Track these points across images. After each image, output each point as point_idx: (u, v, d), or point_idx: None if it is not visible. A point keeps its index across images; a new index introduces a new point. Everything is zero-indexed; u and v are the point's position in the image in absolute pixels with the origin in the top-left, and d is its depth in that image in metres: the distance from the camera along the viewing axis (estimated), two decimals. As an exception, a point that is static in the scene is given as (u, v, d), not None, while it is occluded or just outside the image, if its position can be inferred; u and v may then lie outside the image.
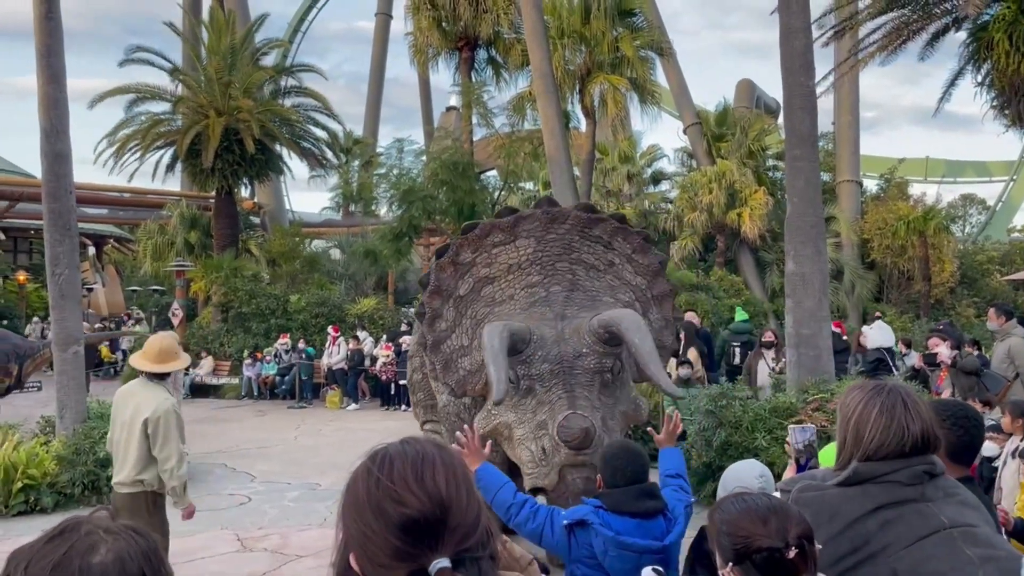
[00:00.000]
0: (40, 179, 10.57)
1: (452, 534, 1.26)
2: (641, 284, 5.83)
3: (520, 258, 5.73)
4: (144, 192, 29.79)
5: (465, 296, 5.80)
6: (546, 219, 5.81)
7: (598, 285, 5.73)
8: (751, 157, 27.50)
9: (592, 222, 5.90)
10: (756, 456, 8.47)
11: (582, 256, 5.79)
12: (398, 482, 1.27)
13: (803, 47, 9.93)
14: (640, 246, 5.90)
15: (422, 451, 1.33)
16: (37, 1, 10.09)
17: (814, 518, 2.02)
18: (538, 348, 4.99)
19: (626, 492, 3.37)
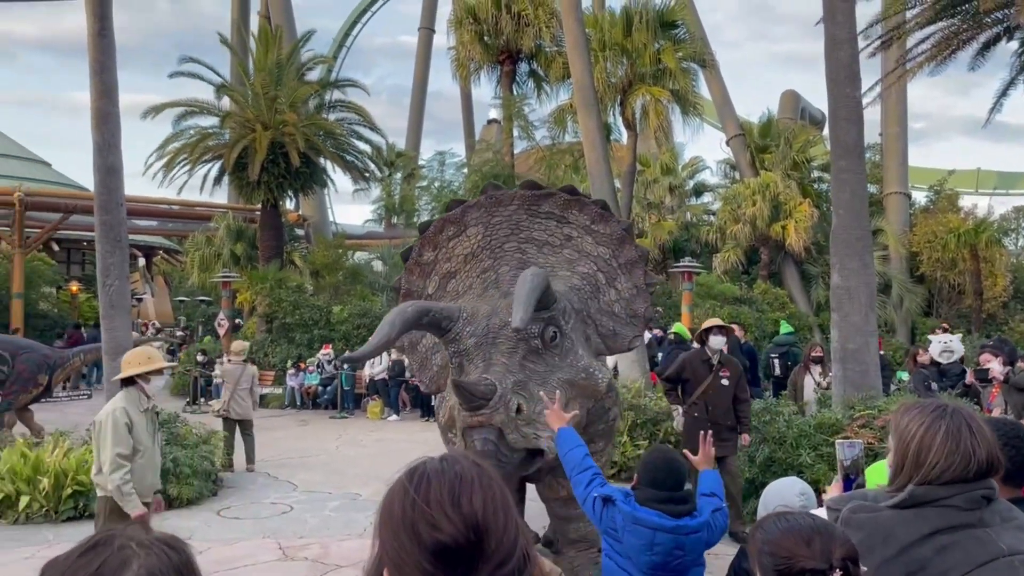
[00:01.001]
0: (92, 192, 10.84)
1: (488, 560, 1.24)
2: (604, 254, 5.58)
3: (472, 247, 5.64)
4: (192, 204, 30.43)
5: (433, 294, 5.72)
6: (490, 203, 5.70)
7: (553, 260, 5.54)
8: (796, 169, 27.14)
9: (539, 199, 5.70)
10: (800, 473, 8.32)
11: (532, 234, 5.62)
12: (434, 505, 1.25)
13: (849, 58, 9.80)
14: (598, 215, 5.64)
15: (460, 472, 1.30)
16: (91, 18, 10.39)
17: (867, 541, 1.96)
18: (467, 324, 4.80)
19: (657, 493, 3.44)
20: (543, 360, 4.73)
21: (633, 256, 5.58)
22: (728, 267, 26.40)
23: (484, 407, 4.23)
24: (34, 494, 8.73)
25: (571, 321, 5.00)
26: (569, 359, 4.88)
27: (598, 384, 4.97)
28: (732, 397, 8.08)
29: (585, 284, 5.40)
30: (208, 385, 19.85)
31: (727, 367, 8.16)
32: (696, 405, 8.13)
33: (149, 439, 5.63)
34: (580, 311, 5.17)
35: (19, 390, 13.06)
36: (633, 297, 5.52)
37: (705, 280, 23.39)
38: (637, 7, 20.91)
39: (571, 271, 5.45)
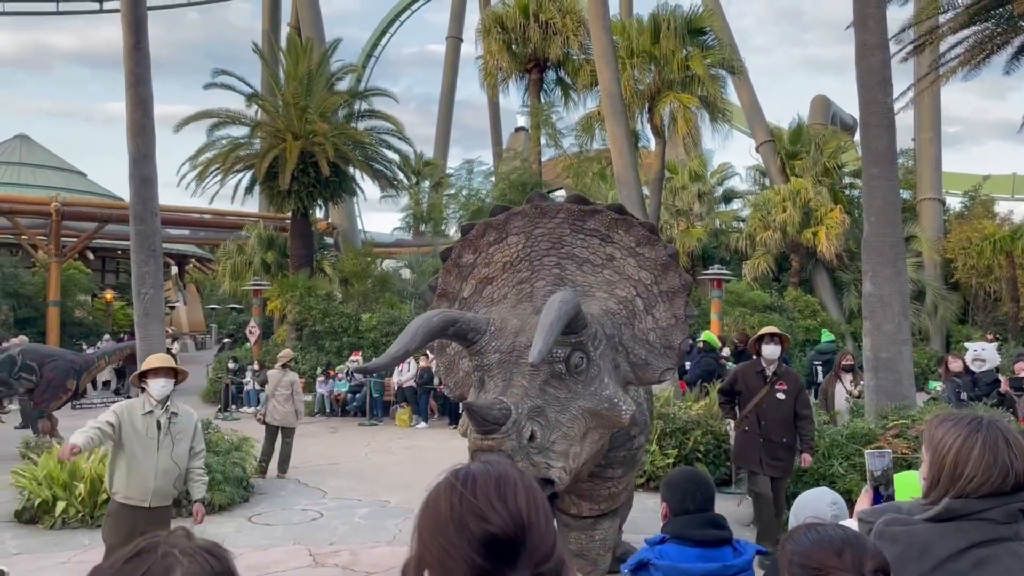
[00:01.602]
0: (127, 202, 11.04)
1: (531, 556, 1.28)
2: (646, 279, 5.33)
3: (511, 255, 5.48)
4: (224, 214, 30.85)
5: (468, 298, 5.60)
6: (535, 214, 5.51)
7: (592, 280, 5.33)
8: (827, 175, 26.90)
9: (586, 214, 5.47)
10: (832, 484, 8.22)
11: (573, 250, 5.41)
12: (482, 499, 1.30)
13: (880, 63, 9.71)
14: (644, 238, 5.40)
15: (504, 472, 1.36)
16: (127, 32, 10.60)
17: (902, 554, 1.94)
18: (494, 338, 4.64)
19: (692, 519, 3.27)
20: (565, 386, 4.54)
21: (676, 285, 5.35)
22: (758, 274, 26.19)
23: (496, 431, 4.10)
24: (70, 500, 8.88)
25: (600, 347, 4.81)
26: (593, 387, 4.67)
27: (621, 416, 4.71)
28: (791, 413, 7.54)
29: (621, 309, 5.20)
30: (239, 392, 20.07)
31: (784, 379, 7.61)
32: (748, 419, 7.67)
33: (145, 442, 5.64)
34: (612, 337, 4.98)
35: (50, 397, 13.35)
36: (671, 327, 5.28)
37: (735, 287, 23.22)
38: (665, 14, 20.87)
39: (609, 293, 5.27)
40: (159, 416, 5.72)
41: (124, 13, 10.77)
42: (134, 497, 5.61)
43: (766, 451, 7.48)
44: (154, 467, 5.63)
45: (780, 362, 7.68)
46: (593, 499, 5.30)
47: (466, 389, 5.48)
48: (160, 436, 5.70)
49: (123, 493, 5.62)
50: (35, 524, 8.86)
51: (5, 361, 13.34)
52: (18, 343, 15.73)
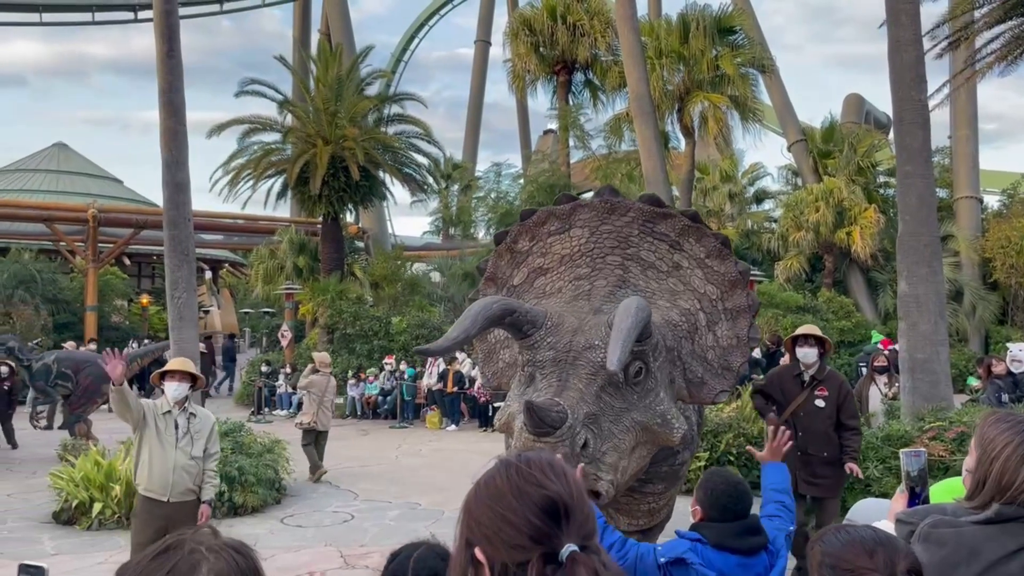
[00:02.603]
0: (161, 208, 11.20)
1: (579, 527, 1.37)
2: (712, 293, 5.04)
3: (572, 249, 5.22)
4: (256, 219, 31.19)
5: (518, 286, 5.36)
6: (604, 209, 5.22)
7: (655, 287, 5.06)
8: (860, 174, 26.51)
9: (657, 217, 5.16)
10: (868, 487, 8.10)
11: (640, 253, 5.13)
12: (537, 471, 1.39)
13: (913, 60, 9.55)
14: (716, 250, 5.09)
15: (548, 457, 1.47)
16: (159, 41, 10.77)
17: (950, 557, 1.90)
18: (550, 334, 4.44)
19: (730, 527, 3.23)
20: (621, 395, 4.31)
21: (742, 304, 5.04)
22: (791, 275, 25.88)
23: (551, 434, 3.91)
24: (107, 501, 9.02)
25: (660, 359, 4.56)
26: (648, 400, 4.43)
27: (672, 433, 4.47)
28: (832, 423, 6.63)
29: (683, 321, 4.93)
30: (272, 395, 20.27)
31: (826, 384, 6.69)
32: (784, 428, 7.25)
33: (164, 439, 5.97)
34: (672, 350, 4.72)
35: (86, 402, 13.60)
36: (731, 347, 4.99)
37: (767, 289, 22.98)
38: (694, 14, 20.74)
39: (671, 303, 5.00)
40: (177, 416, 6.05)
41: (157, 22, 10.94)
42: (155, 490, 5.94)
43: (804, 467, 6.57)
44: (172, 463, 5.94)
45: (822, 364, 6.80)
46: (632, 514, 5.10)
47: (504, 380, 5.32)
48: (179, 435, 6.03)
49: (145, 485, 5.98)
50: (72, 525, 9.01)
51: (41, 370, 13.62)
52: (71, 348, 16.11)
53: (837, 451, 6.59)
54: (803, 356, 6.75)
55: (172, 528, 5.92)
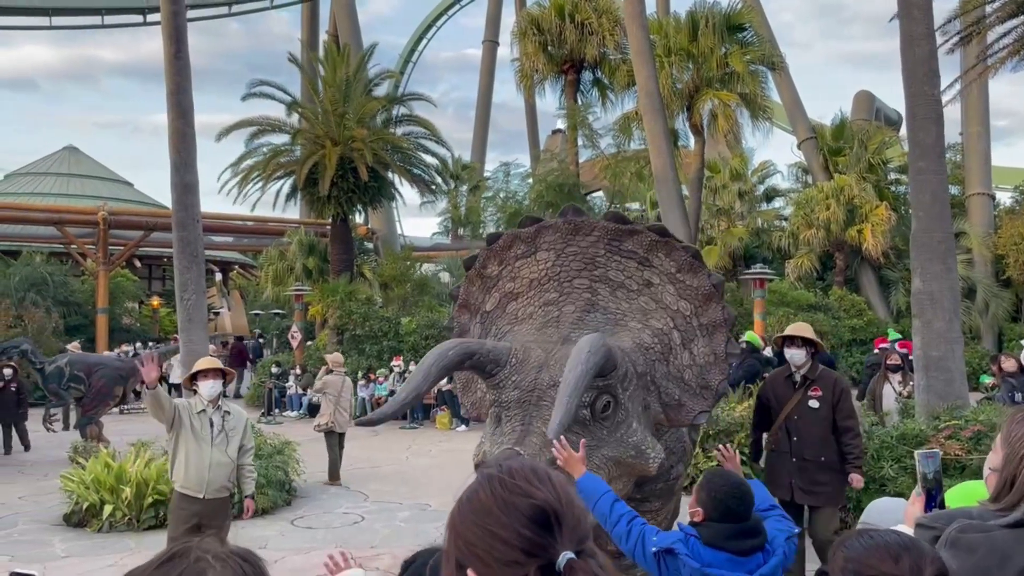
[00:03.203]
0: (170, 209, 11.21)
1: (573, 531, 1.31)
2: (685, 309, 4.84)
3: (540, 273, 5.05)
4: (265, 220, 31.22)
5: (491, 312, 5.23)
6: (568, 229, 5.05)
7: (626, 307, 4.86)
8: (871, 171, 26.38)
9: (623, 234, 4.97)
10: (883, 487, 8.01)
11: (608, 273, 4.94)
12: (521, 480, 1.34)
13: (926, 54, 9.45)
14: (687, 264, 4.90)
15: (531, 463, 1.42)
16: (167, 42, 10.77)
17: (981, 563, 1.83)
18: (515, 372, 4.30)
19: (727, 529, 3.18)
20: (589, 433, 4.16)
21: (718, 318, 4.85)
22: (801, 273, 25.76)
23: None
24: (117, 503, 9.01)
25: (630, 388, 4.39)
26: (620, 432, 4.28)
27: (648, 465, 4.32)
28: (829, 425, 6.14)
29: (656, 343, 4.75)
30: (282, 396, 20.28)
31: (819, 384, 6.20)
32: (777, 435, 6.36)
33: (200, 437, 6.09)
34: (643, 375, 4.54)
35: (99, 404, 13.67)
36: (708, 365, 4.81)
37: (778, 287, 22.86)
38: (702, 11, 20.64)
39: (643, 323, 4.82)
40: (211, 415, 6.17)
41: (164, 24, 10.95)
42: (191, 488, 6.06)
43: (800, 474, 6.11)
44: (208, 460, 6.06)
45: (814, 363, 6.31)
46: None
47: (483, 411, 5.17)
48: (214, 433, 6.15)
49: (181, 482, 6.10)
50: (83, 527, 9.01)
51: (54, 373, 13.69)
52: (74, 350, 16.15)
53: (836, 456, 6.11)
54: (791, 358, 6.29)
55: (206, 524, 6.05)
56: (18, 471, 12.51)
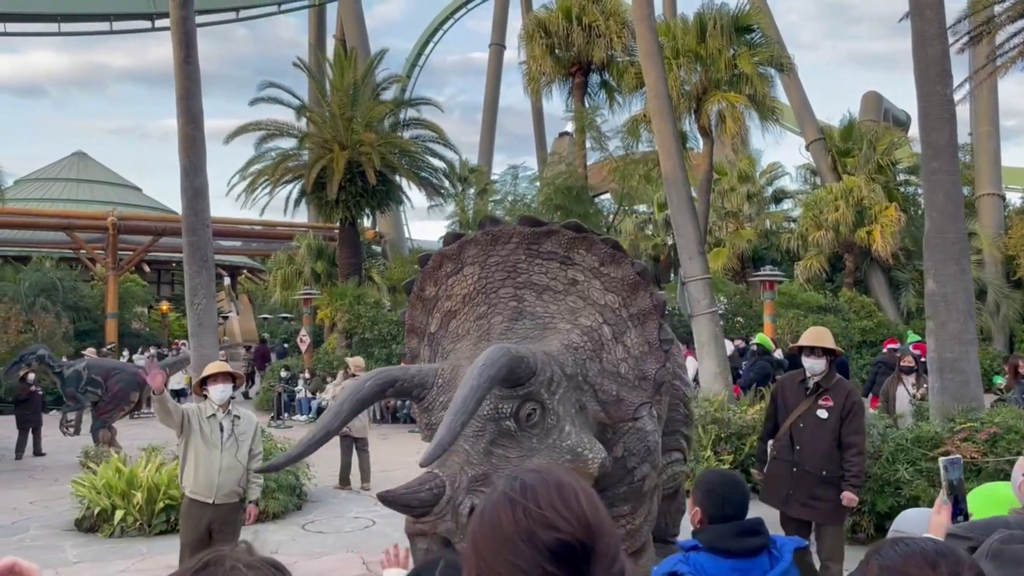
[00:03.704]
0: (180, 215, 11.21)
1: (601, 560, 1.25)
2: (613, 303, 4.77)
3: (469, 288, 5.03)
4: (274, 224, 31.31)
5: (435, 333, 5.19)
6: (487, 240, 5.01)
7: (553, 309, 4.81)
8: (880, 172, 26.27)
9: (540, 236, 4.92)
10: (898, 490, 7.95)
11: (532, 278, 4.89)
12: (546, 508, 1.25)
13: (939, 54, 9.39)
14: (609, 256, 4.81)
15: (558, 477, 1.32)
16: (177, 47, 10.78)
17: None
18: (442, 392, 4.24)
19: (728, 529, 3.09)
20: (518, 444, 4.09)
21: (647, 306, 4.74)
22: (810, 275, 25.67)
23: (428, 514, 3.80)
24: (128, 508, 9.01)
25: (560, 391, 4.31)
26: (552, 438, 4.20)
27: (587, 465, 4.21)
28: (835, 438, 5.81)
29: (586, 341, 4.67)
30: (291, 400, 20.28)
31: (831, 394, 5.88)
32: (779, 443, 6.02)
33: (209, 442, 6.07)
34: (574, 376, 4.46)
35: (114, 408, 13.72)
36: (644, 355, 4.70)
37: (787, 289, 22.77)
38: (710, 13, 20.58)
39: (572, 323, 4.74)
40: (222, 419, 6.16)
41: (174, 29, 10.96)
42: (200, 493, 6.06)
43: (799, 487, 5.82)
44: (218, 465, 6.04)
45: (831, 372, 6.01)
46: None
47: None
48: (224, 437, 6.12)
49: (191, 488, 6.10)
50: (94, 533, 9.01)
51: (72, 376, 13.78)
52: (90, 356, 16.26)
53: (839, 470, 5.77)
54: (810, 367, 5.99)
55: (216, 529, 6.01)
56: (29, 476, 12.53)
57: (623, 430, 4.75)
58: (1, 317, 20.11)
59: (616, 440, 4.71)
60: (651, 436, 4.89)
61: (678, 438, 5.93)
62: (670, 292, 22.90)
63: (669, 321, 19.31)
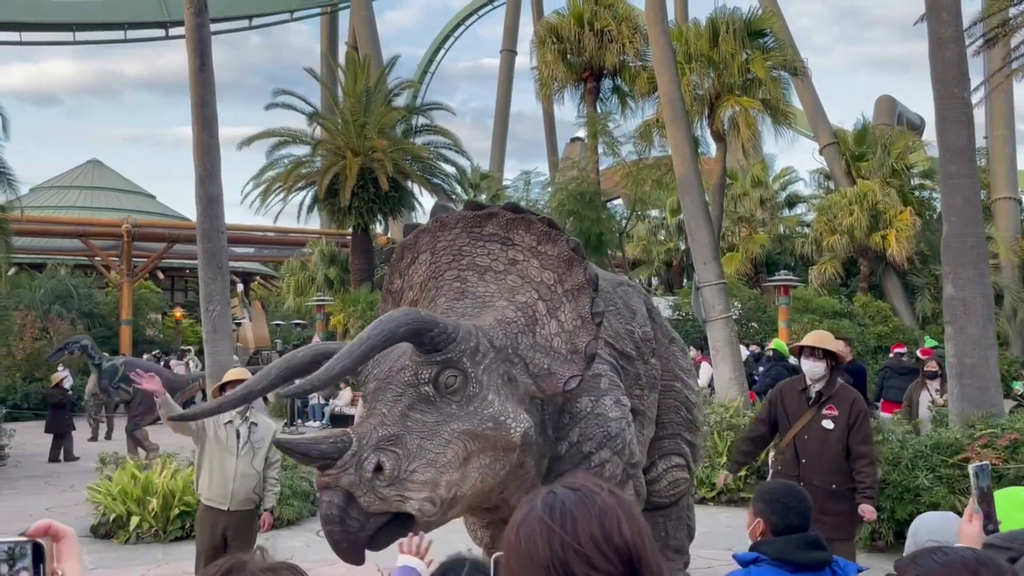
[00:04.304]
0: (194, 221, 11.25)
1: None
2: (549, 279, 4.84)
3: (424, 275, 5.17)
4: (286, 231, 31.40)
5: None
6: (436, 227, 5.12)
7: (494, 289, 4.91)
8: (895, 176, 26.11)
9: (482, 219, 5.02)
10: (917, 497, 7.86)
11: (475, 260, 5.00)
12: (586, 543, 1.19)
13: (956, 57, 9.33)
14: (545, 234, 4.88)
15: (602, 504, 1.25)
16: (192, 55, 10.83)
17: None
18: (376, 365, 4.35)
19: (794, 540, 3.06)
20: (436, 409, 4.19)
21: (580, 281, 4.80)
22: (825, 280, 25.52)
23: (330, 465, 3.88)
24: (144, 514, 9.02)
25: (485, 361, 4.39)
26: (474, 405, 4.27)
27: (509, 434, 4.27)
28: (843, 449, 5.54)
29: (519, 316, 4.75)
30: (305, 407, 20.30)
31: (835, 402, 5.61)
32: (784, 454, 5.70)
33: (225, 449, 6.05)
34: (502, 348, 4.54)
35: (145, 412, 13.79)
36: (577, 329, 4.74)
37: (802, 294, 22.64)
38: (723, 17, 20.54)
39: (510, 300, 4.84)
40: (239, 426, 6.14)
41: (189, 36, 11.02)
42: (215, 499, 6.03)
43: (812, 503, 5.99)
44: (233, 472, 6.02)
45: (833, 378, 5.73)
46: None
47: None
48: (240, 444, 6.10)
49: (206, 494, 6.09)
50: (110, 539, 9.02)
51: (109, 369, 14.01)
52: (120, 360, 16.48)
53: (848, 483, 5.51)
54: (808, 370, 5.70)
55: (231, 536, 5.98)
56: (45, 482, 12.58)
57: (580, 415, 4.82)
58: (17, 324, 20.23)
59: (572, 425, 4.79)
60: (613, 423, 4.89)
61: (679, 442, 5.80)
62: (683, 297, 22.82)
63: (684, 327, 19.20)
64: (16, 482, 12.71)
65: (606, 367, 5.06)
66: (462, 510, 4.34)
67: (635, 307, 5.62)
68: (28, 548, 1.03)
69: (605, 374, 5.03)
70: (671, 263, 32.58)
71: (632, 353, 5.35)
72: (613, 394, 4.97)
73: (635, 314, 5.56)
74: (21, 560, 1.02)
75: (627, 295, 5.69)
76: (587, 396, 4.86)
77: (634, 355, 5.36)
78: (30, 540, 1.03)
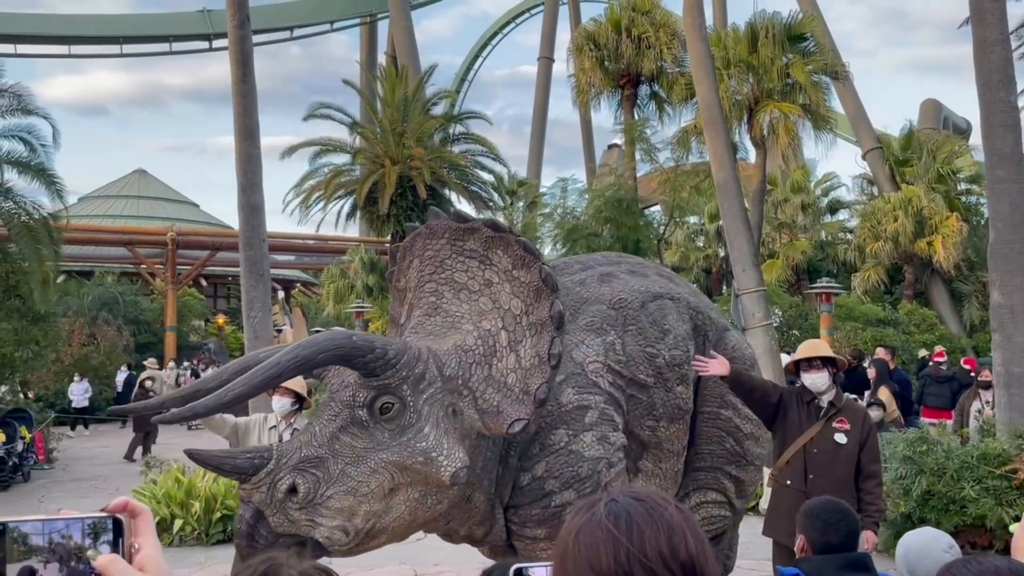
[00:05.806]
0: (236, 230, 11.46)
1: None
2: (516, 308, 4.50)
3: (413, 281, 5.00)
4: (326, 239, 31.78)
5: (404, 324, 5.11)
6: (427, 234, 4.88)
7: (465, 309, 4.62)
8: (941, 181, 25.59)
9: (464, 233, 4.72)
10: (963, 508, 7.69)
11: (454, 275, 4.72)
12: (653, 557, 1.18)
13: (1001, 60, 9.16)
14: (520, 259, 4.53)
15: (669, 518, 1.23)
16: (234, 66, 11.04)
17: None
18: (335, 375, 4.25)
19: (830, 560, 2.96)
20: (368, 435, 4.02)
21: (544, 315, 4.42)
22: (868, 287, 25.07)
23: (247, 480, 3.82)
24: (187, 518, 9.19)
25: (429, 391, 4.18)
26: (407, 436, 4.06)
27: (439, 472, 4.02)
28: (853, 466, 5.18)
29: (479, 345, 4.45)
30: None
31: (846, 416, 5.27)
32: (789, 468, 5.29)
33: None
34: (452, 379, 4.29)
35: None
36: (533, 368, 4.36)
37: (844, 301, 22.27)
38: (762, 22, 20.35)
39: (476, 325, 4.55)
40: (283, 431, 6.15)
41: (232, 48, 11.24)
42: None
43: None
44: None
45: (839, 391, 5.47)
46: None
47: None
48: None
49: None
50: (154, 541, 9.18)
51: None
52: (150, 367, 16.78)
53: (855, 503, 5.01)
54: (812, 383, 5.34)
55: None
56: (91, 486, 12.87)
57: (551, 448, 4.47)
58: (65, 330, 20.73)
59: (541, 457, 4.45)
60: (587, 464, 4.45)
61: (718, 476, 5.23)
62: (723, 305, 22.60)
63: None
64: (64, 484, 13.04)
65: (599, 399, 4.61)
66: (389, 540, 4.20)
67: (669, 327, 5.05)
68: (109, 523, 1.10)
69: (595, 407, 4.58)
70: (710, 270, 32.28)
71: (648, 381, 4.86)
72: (599, 430, 4.52)
73: (665, 335, 5.01)
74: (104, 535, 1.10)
75: (660, 312, 5.08)
76: (565, 429, 4.50)
77: (650, 383, 4.87)
78: (111, 516, 1.10)
